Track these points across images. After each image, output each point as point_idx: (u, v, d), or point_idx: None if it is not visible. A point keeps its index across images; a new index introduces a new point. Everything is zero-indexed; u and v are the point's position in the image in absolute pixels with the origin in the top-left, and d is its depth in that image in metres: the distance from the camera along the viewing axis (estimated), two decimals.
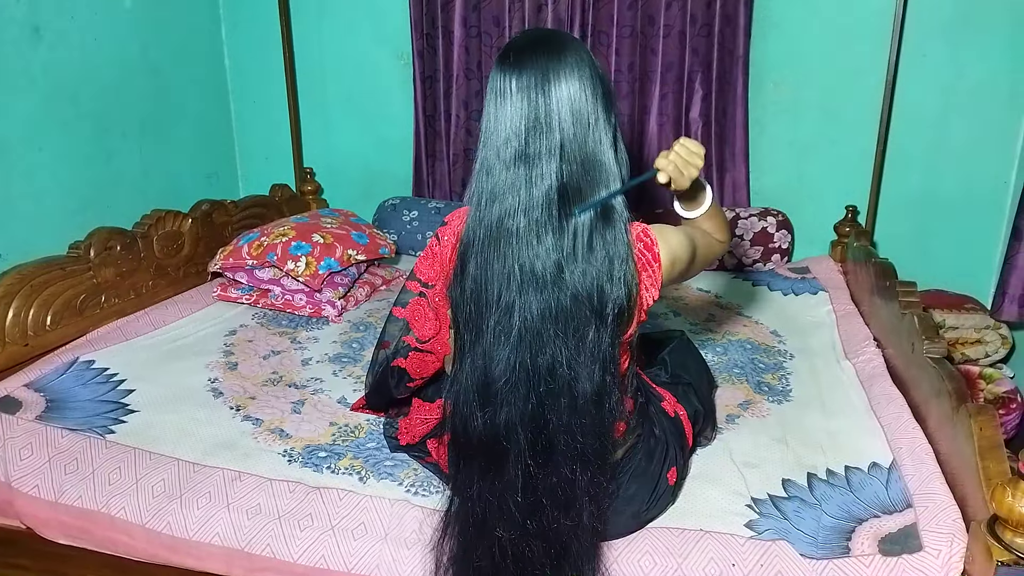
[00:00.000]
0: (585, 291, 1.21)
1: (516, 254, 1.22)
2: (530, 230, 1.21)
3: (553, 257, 1.21)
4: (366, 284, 2.61)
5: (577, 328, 1.21)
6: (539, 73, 1.20)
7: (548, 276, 1.21)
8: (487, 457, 1.25)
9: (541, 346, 1.21)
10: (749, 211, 2.79)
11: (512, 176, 1.21)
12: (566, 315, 1.21)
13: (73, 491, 1.59)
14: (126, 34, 2.59)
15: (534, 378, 1.21)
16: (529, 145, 1.20)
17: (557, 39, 1.24)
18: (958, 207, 2.71)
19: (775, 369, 2.06)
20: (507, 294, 1.22)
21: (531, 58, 1.21)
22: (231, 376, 2.03)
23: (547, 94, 1.19)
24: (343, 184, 3.28)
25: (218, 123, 3.17)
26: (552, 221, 1.21)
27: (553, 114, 1.20)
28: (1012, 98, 2.57)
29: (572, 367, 1.21)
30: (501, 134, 1.22)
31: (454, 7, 2.87)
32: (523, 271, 1.21)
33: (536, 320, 1.21)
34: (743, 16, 2.66)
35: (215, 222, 2.71)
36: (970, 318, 2.51)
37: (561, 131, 1.20)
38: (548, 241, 1.21)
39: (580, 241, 1.21)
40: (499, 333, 1.23)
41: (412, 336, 1.47)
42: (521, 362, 1.22)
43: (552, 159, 1.20)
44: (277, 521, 1.47)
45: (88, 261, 2.22)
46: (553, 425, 1.22)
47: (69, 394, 1.89)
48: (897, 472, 1.53)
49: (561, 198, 1.21)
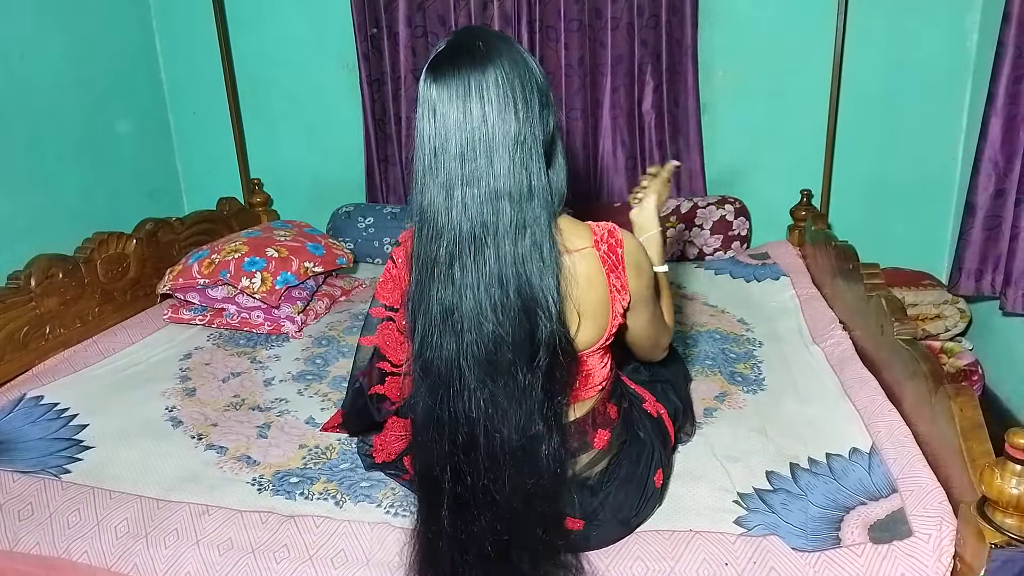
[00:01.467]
0: (510, 335, 1.13)
1: (436, 289, 1.15)
2: (451, 262, 1.13)
3: (468, 298, 1.13)
4: (325, 296, 2.54)
5: (501, 374, 1.14)
6: (461, 86, 1.10)
7: (466, 316, 1.13)
8: (422, 491, 1.23)
9: (459, 391, 1.15)
10: (707, 200, 2.79)
11: (437, 196, 1.13)
12: (486, 360, 1.14)
13: (29, 538, 1.50)
14: (55, 51, 2.48)
15: (450, 424, 1.16)
16: (450, 167, 1.11)
17: (483, 46, 1.13)
18: (909, 185, 2.76)
19: (746, 358, 2.06)
20: (428, 331, 1.16)
21: (453, 69, 1.11)
22: (189, 403, 1.94)
23: (468, 111, 1.10)
24: (293, 194, 3.20)
25: (157, 138, 3.06)
26: (471, 252, 1.12)
27: (476, 133, 1.11)
28: (955, 74, 2.62)
29: (492, 415, 1.15)
30: (427, 149, 1.14)
31: (397, 7, 2.81)
32: (441, 308, 1.15)
33: (453, 362, 1.15)
34: (689, 6, 2.66)
35: (161, 241, 2.60)
36: (928, 294, 2.55)
37: (487, 155, 1.11)
38: (468, 277, 1.13)
39: (503, 281, 1.12)
40: (423, 372, 1.17)
41: (386, 362, 1.42)
42: (436, 405, 1.16)
43: (475, 186, 1.11)
44: (251, 555, 1.40)
45: (29, 291, 2.11)
46: (473, 473, 1.16)
47: (18, 434, 1.79)
48: (878, 456, 1.53)
49: (481, 233, 1.12)
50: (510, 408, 1.15)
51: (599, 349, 1.30)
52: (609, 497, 1.34)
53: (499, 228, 1.12)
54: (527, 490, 1.18)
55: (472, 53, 1.12)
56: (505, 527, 1.18)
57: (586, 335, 1.25)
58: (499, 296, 1.13)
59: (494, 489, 1.16)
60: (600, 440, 1.36)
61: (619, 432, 1.38)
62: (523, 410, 1.15)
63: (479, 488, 1.17)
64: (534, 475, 1.18)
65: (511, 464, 1.16)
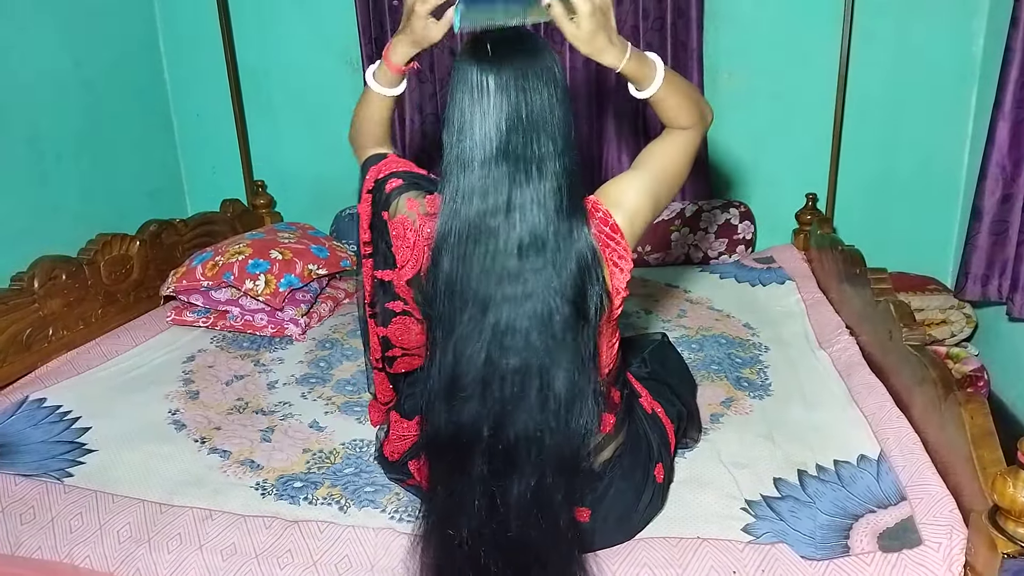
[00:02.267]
0: (567, 293, 1.18)
1: (495, 253, 1.17)
2: (511, 231, 1.16)
3: (537, 265, 1.17)
4: (329, 299, 2.53)
5: (559, 330, 1.18)
6: (519, 73, 1.15)
7: (533, 283, 1.17)
8: (452, 455, 1.22)
9: (514, 346, 1.18)
10: (712, 203, 2.78)
11: (493, 174, 1.16)
12: (545, 317, 1.17)
13: (31, 542, 1.49)
14: (56, 49, 2.47)
15: (503, 377, 1.18)
16: (512, 144, 1.15)
17: (532, 39, 1.20)
18: (915, 189, 2.74)
19: (752, 363, 2.05)
20: (483, 292, 1.18)
21: (509, 56, 1.16)
22: (193, 406, 1.93)
23: (528, 95, 1.14)
24: (296, 196, 3.19)
25: (160, 138, 3.05)
26: (539, 229, 1.16)
27: (536, 116, 1.15)
28: (961, 78, 2.60)
29: (546, 369, 1.18)
30: (479, 130, 1.16)
31: (402, 9, 2.79)
32: (503, 271, 1.17)
33: (511, 320, 1.17)
34: (695, 8, 2.65)
35: (165, 243, 2.59)
36: (934, 299, 2.54)
37: (546, 133, 1.16)
38: (524, 247, 1.16)
39: (559, 243, 1.17)
40: (472, 330, 1.19)
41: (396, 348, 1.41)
42: (490, 360, 1.18)
43: (537, 161, 1.16)
44: (255, 560, 1.40)
45: (32, 293, 2.10)
46: (519, 427, 1.18)
47: (20, 437, 1.78)
48: (886, 464, 1.52)
49: (548, 199, 1.16)
50: (564, 362, 1.18)
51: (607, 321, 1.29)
52: (612, 487, 1.34)
53: (557, 199, 1.16)
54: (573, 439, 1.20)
55: (525, 43, 1.17)
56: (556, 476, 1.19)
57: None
58: (557, 258, 1.17)
59: (548, 436, 1.18)
60: (606, 424, 1.35)
61: (622, 417, 1.38)
62: (574, 366, 1.18)
63: (526, 432, 1.18)
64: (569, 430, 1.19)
65: (560, 416, 1.18)
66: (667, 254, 2.77)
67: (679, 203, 2.81)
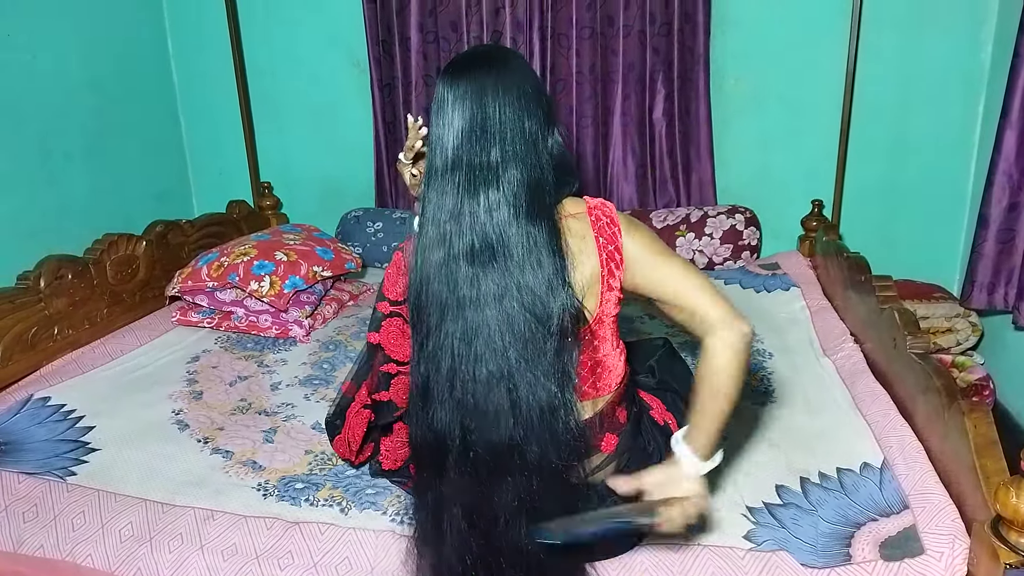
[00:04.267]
0: (528, 305, 1.18)
1: (457, 266, 1.19)
2: (470, 243, 1.18)
3: (493, 272, 1.18)
4: (333, 301, 2.54)
5: (525, 336, 1.18)
6: (476, 85, 1.19)
7: (488, 290, 1.18)
8: (429, 462, 1.23)
9: (483, 354, 1.18)
10: (717, 209, 2.78)
11: (452, 185, 1.19)
12: (507, 327, 1.18)
13: (34, 540, 1.50)
14: (67, 50, 2.48)
15: (472, 384, 1.19)
16: (466, 153, 1.19)
17: (497, 55, 1.25)
18: (921, 196, 2.74)
19: (756, 370, 2.04)
20: (444, 299, 1.20)
21: (470, 71, 1.21)
22: (196, 406, 1.94)
23: (484, 106, 1.18)
24: (303, 198, 3.20)
25: (168, 139, 3.07)
26: (491, 236, 1.18)
27: (492, 125, 1.18)
28: (969, 86, 2.60)
29: (516, 376, 1.18)
30: (439, 143, 1.21)
31: (409, 13, 2.81)
32: (464, 283, 1.19)
33: (476, 327, 1.18)
34: (702, 13, 2.65)
35: (171, 243, 2.60)
36: (940, 307, 2.53)
37: (501, 143, 1.18)
38: (484, 261, 1.18)
39: (512, 250, 1.18)
40: (439, 338, 1.20)
41: (392, 363, 1.41)
42: (456, 368, 1.19)
43: (493, 172, 1.18)
44: (255, 561, 1.40)
45: (38, 292, 2.11)
46: (493, 434, 1.18)
47: (24, 435, 1.79)
48: (890, 472, 1.51)
49: (501, 206, 1.18)
50: (534, 372, 1.18)
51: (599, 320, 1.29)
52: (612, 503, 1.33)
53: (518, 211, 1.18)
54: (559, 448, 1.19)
55: (488, 59, 1.22)
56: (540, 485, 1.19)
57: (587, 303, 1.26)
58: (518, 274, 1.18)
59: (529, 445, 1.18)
60: (608, 444, 1.35)
61: (627, 438, 1.37)
62: (546, 376, 1.18)
63: (499, 450, 1.18)
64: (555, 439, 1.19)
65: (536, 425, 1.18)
66: None
67: (684, 209, 2.81)
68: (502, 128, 1.18)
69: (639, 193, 2.89)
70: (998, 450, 1.30)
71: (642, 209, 2.88)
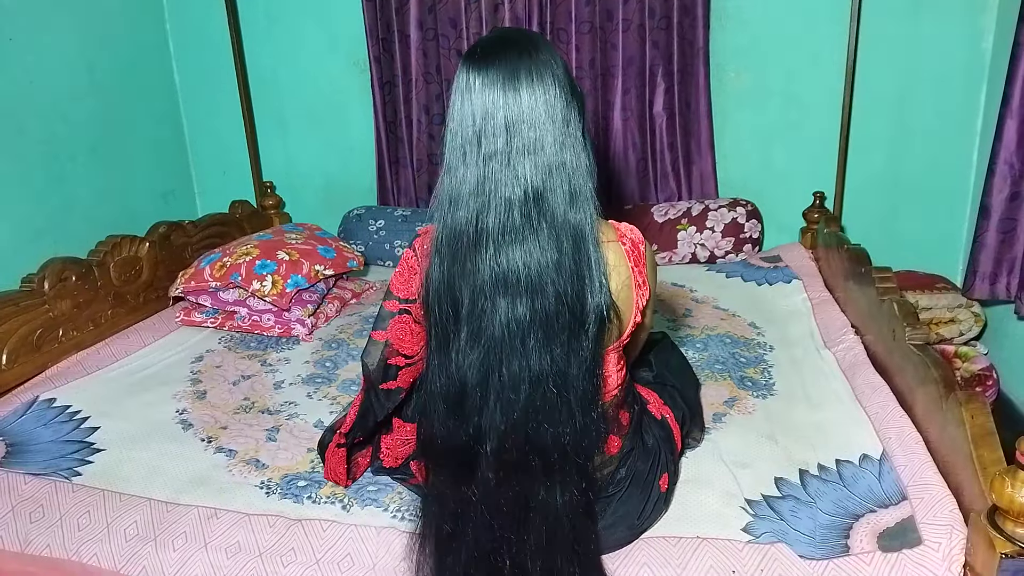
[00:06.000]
0: (565, 297, 1.15)
1: (487, 257, 1.16)
2: (503, 232, 1.15)
3: (528, 261, 1.15)
4: (336, 299, 2.55)
5: (556, 335, 1.16)
6: (508, 70, 1.14)
7: (523, 280, 1.15)
8: (457, 465, 1.21)
9: (515, 352, 1.16)
10: (719, 202, 2.77)
11: (481, 174, 1.15)
12: (544, 321, 1.15)
13: (40, 540, 1.52)
14: (70, 54, 2.50)
15: (508, 385, 1.16)
16: (498, 143, 1.14)
17: (527, 38, 1.19)
18: (923, 187, 2.73)
19: (756, 363, 2.05)
20: (479, 298, 1.16)
21: (500, 55, 1.15)
22: (200, 406, 1.95)
23: (517, 91, 1.13)
24: (305, 197, 3.21)
25: (171, 141, 3.08)
26: (527, 223, 1.15)
27: (525, 111, 1.14)
28: (970, 75, 2.58)
29: (550, 375, 1.16)
30: (467, 131, 1.15)
31: (409, 10, 2.81)
32: (496, 275, 1.15)
33: (511, 325, 1.16)
34: (701, 7, 2.64)
35: (174, 244, 2.62)
36: (942, 297, 2.52)
37: (534, 129, 1.14)
38: (523, 244, 1.15)
39: (559, 245, 1.15)
40: (470, 338, 1.17)
41: (399, 356, 1.39)
42: (492, 369, 1.17)
43: (525, 158, 1.14)
44: (259, 558, 1.41)
45: (43, 294, 2.13)
46: (529, 434, 1.17)
47: (30, 436, 1.81)
48: (888, 463, 1.51)
49: (536, 199, 1.15)
50: (568, 367, 1.16)
51: (616, 349, 1.30)
52: (615, 500, 1.34)
53: (555, 196, 1.15)
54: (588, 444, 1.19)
55: (518, 42, 1.17)
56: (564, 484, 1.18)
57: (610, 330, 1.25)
58: (557, 257, 1.15)
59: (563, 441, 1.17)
60: (612, 446, 1.36)
61: (629, 439, 1.38)
62: (579, 371, 1.17)
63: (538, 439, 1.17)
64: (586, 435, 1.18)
65: (572, 420, 1.17)
66: (673, 253, 2.77)
67: (686, 202, 2.81)
68: (532, 115, 1.14)
69: (640, 187, 2.89)
70: (995, 440, 1.30)
71: (644, 203, 2.88)
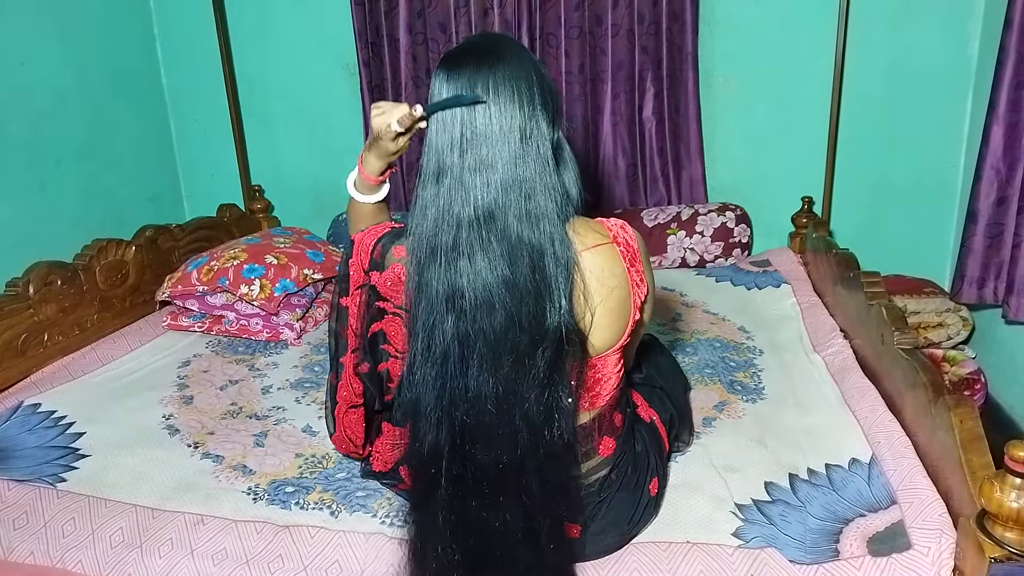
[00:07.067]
0: (517, 317, 1.14)
1: (440, 272, 1.16)
2: (452, 248, 1.15)
3: (475, 280, 1.14)
4: (324, 303, 2.53)
5: (504, 355, 1.15)
6: (466, 83, 1.15)
7: (467, 298, 1.15)
8: (424, 475, 1.20)
9: (459, 371, 1.15)
10: (708, 207, 2.78)
11: (439, 189, 1.16)
12: (491, 341, 1.14)
13: (24, 547, 1.49)
14: (56, 57, 2.48)
15: (461, 403, 1.16)
16: (453, 157, 1.15)
17: (495, 47, 1.19)
18: (911, 192, 2.74)
19: (746, 367, 2.05)
20: (434, 314, 1.16)
21: (463, 67, 1.16)
22: (187, 411, 1.94)
23: (472, 106, 1.14)
24: (294, 200, 3.20)
25: (158, 144, 3.06)
26: (477, 241, 1.14)
27: (479, 127, 1.14)
28: (956, 81, 2.60)
29: (491, 396, 1.15)
30: (432, 144, 1.17)
31: (398, 14, 2.81)
32: (445, 291, 1.15)
33: (454, 343, 1.15)
34: (689, 12, 2.65)
35: (161, 248, 2.60)
36: (930, 302, 2.54)
37: (488, 146, 1.14)
38: (472, 262, 1.14)
39: (513, 264, 1.14)
40: (423, 352, 1.17)
41: (389, 344, 1.37)
42: (446, 386, 1.16)
43: (477, 175, 1.14)
44: (245, 565, 1.39)
45: (28, 298, 2.11)
46: (489, 450, 1.16)
47: (14, 442, 1.78)
48: (878, 467, 1.52)
49: (487, 217, 1.14)
50: (519, 390, 1.15)
51: (616, 350, 1.29)
52: (605, 505, 1.33)
53: (508, 215, 1.14)
54: (535, 478, 1.17)
55: (483, 53, 1.17)
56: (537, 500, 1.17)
57: (606, 335, 1.25)
58: (509, 276, 1.14)
59: (497, 476, 1.15)
60: (606, 448, 1.35)
61: (622, 440, 1.37)
62: (535, 389, 1.15)
63: (481, 473, 1.16)
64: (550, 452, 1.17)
65: (529, 439, 1.15)
66: (663, 257, 2.77)
67: (675, 207, 2.81)
68: (494, 126, 1.14)
69: (630, 192, 2.89)
70: (983, 445, 1.30)
71: (633, 208, 2.89)
